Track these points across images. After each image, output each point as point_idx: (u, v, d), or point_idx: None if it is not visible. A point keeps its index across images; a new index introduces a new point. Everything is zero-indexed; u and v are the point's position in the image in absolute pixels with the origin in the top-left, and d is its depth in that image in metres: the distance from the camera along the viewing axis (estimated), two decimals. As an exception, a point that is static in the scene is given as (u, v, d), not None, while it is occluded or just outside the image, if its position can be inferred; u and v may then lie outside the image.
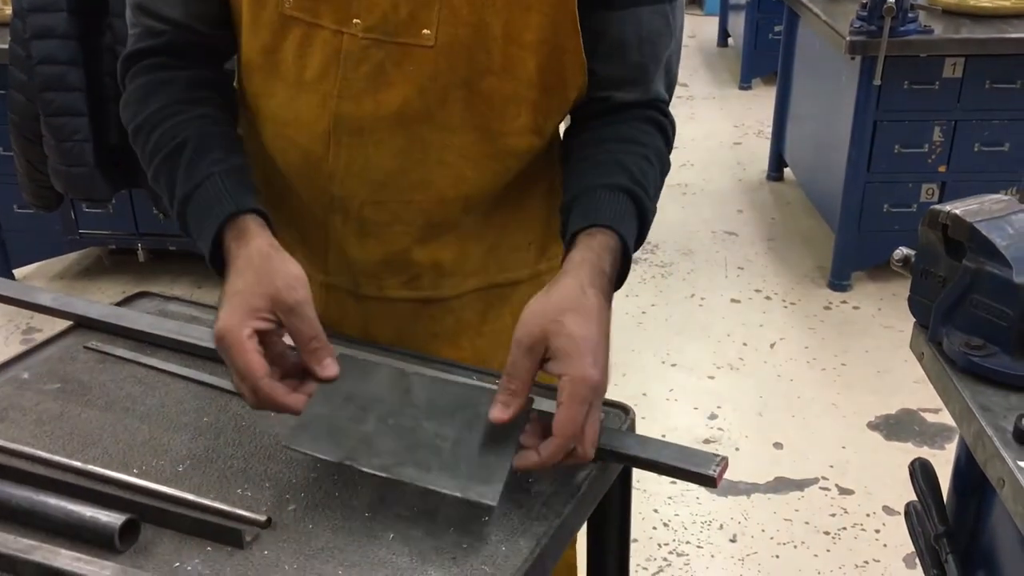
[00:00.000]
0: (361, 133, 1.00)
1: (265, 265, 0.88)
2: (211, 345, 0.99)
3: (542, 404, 0.84)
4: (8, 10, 2.93)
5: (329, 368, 0.86)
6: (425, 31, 0.95)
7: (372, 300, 1.10)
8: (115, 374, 0.98)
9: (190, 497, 0.78)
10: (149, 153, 1.00)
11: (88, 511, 0.74)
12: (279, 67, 1.01)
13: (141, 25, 1.05)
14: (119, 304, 1.10)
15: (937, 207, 1.04)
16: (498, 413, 0.82)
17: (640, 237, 0.99)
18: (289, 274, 0.87)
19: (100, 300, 3.21)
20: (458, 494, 0.78)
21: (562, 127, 1.11)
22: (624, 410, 0.91)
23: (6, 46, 2.75)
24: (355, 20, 0.96)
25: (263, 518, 0.76)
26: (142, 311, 1.09)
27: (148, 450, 0.86)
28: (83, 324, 1.06)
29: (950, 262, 1.03)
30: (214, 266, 0.92)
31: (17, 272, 3.46)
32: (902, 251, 1.11)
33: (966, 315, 1.01)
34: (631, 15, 1.00)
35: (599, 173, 0.99)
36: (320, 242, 1.09)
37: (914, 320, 1.08)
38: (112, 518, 0.74)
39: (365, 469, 0.80)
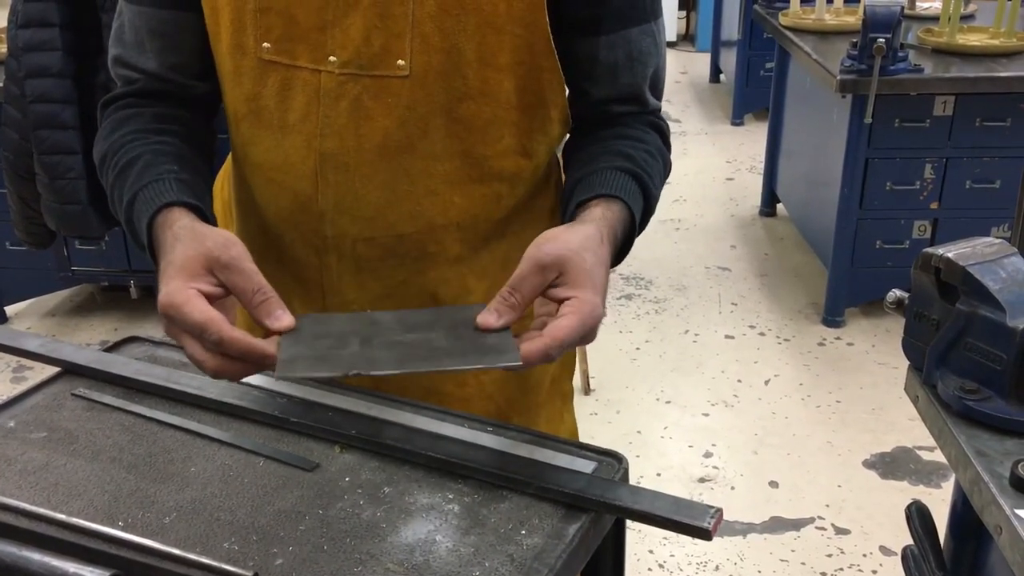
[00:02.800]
0: (347, 169, 1.00)
1: (192, 234, 0.86)
2: (199, 392, 0.99)
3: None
4: (3, 48, 2.94)
5: (282, 319, 0.81)
6: (399, 61, 0.95)
7: None
8: (102, 422, 0.96)
9: (176, 551, 0.77)
10: (110, 178, 0.99)
11: (72, 567, 0.73)
12: (262, 114, 1.02)
13: (118, 77, 1.08)
14: (108, 349, 1.09)
15: (930, 250, 1.03)
16: (490, 319, 0.81)
17: (643, 223, 1.01)
18: (219, 235, 0.86)
19: (92, 337, 3.24)
20: (481, 366, 0.77)
21: (558, 151, 1.12)
22: (617, 459, 0.90)
23: (0, 84, 2.76)
24: (331, 57, 0.97)
25: (250, 573, 0.75)
26: (131, 356, 1.08)
27: (134, 501, 0.85)
28: (71, 370, 1.05)
29: (944, 305, 1.02)
30: (154, 258, 0.90)
31: (9, 309, 3.45)
32: (895, 293, 1.11)
33: (960, 358, 1.00)
34: (620, 38, 1.02)
35: (604, 159, 1.01)
36: (316, 286, 1.08)
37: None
38: (96, 574, 0.72)
39: (375, 373, 0.76)
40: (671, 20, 7.05)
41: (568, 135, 1.10)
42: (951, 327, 1.00)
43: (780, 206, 4.17)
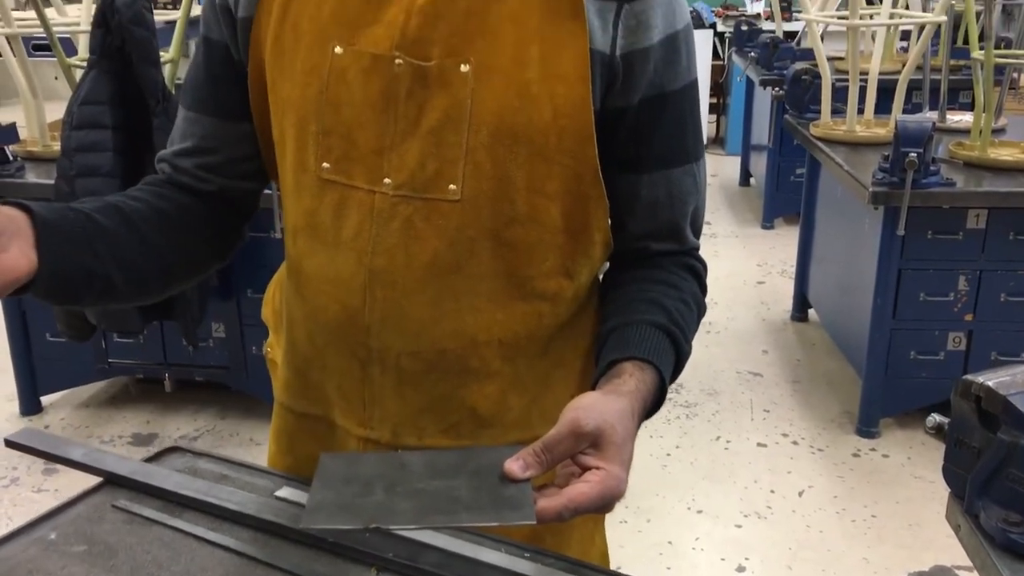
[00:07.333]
0: (395, 286, 1.02)
1: None
2: (239, 508, 0.99)
3: None
4: (56, 147, 3.05)
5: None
6: (451, 186, 0.98)
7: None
8: (142, 536, 0.97)
9: (212, 677, 0.77)
10: None
11: None
12: (318, 229, 1.05)
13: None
14: (149, 460, 1.11)
15: (970, 377, 1.03)
16: (516, 468, 0.84)
17: (673, 377, 1.03)
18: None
19: (124, 430, 3.27)
20: (495, 523, 0.79)
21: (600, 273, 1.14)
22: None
23: (51, 182, 2.85)
24: (386, 180, 1.00)
25: None
26: (172, 467, 1.09)
27: (171, 621, 0.85)
28: (112, 481, 1.06)
29: (985, 433, 1.01)
30: None
31: (44, 399, 3.48)
32: (935, 418, 1.12)
33: (1003, 489, 0.99)
34: (662, 177, 1.05)
35: (640, 310, 1.03)
36: (359, 396, 1.10)
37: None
38: None
39: (393, 527, 0.80)
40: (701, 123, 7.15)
41: (607, 263, 1.12)
42: (992, 457, 0.99)
43: (811, 311, 4.16)
